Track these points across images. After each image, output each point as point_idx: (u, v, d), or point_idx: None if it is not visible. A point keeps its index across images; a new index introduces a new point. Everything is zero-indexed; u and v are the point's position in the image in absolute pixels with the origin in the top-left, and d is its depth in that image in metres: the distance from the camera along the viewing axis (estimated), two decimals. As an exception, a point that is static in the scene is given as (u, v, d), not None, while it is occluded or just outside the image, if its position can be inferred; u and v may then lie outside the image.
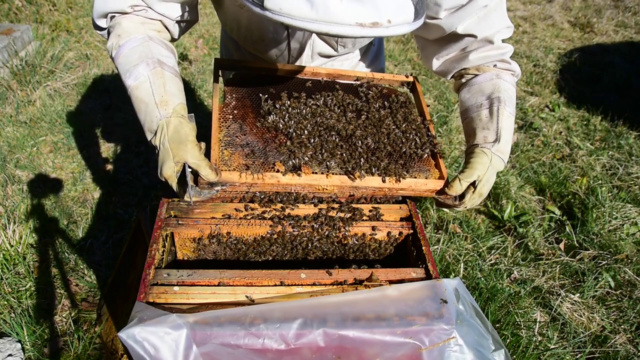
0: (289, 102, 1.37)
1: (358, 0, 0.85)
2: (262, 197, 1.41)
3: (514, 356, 2.13)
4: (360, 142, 1.34)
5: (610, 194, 3.18)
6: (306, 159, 1.26)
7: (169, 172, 1.13)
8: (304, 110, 1.37)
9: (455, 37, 1.36)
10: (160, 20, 1.30)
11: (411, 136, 1.39)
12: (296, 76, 1.50)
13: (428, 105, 1.77)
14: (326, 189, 1.27)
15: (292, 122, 1.33)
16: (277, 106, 1.36)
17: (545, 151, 3.67)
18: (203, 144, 1.22)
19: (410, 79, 1.63)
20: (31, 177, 3.03)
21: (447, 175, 1.34)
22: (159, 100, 1.19)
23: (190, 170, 1.13)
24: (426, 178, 1.33)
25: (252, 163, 1.23)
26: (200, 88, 4.12)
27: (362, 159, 1.30)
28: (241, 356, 0.96)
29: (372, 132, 1.37)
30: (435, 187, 1.31)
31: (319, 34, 0.90)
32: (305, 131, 1.32)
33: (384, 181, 1.28)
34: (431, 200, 3.01)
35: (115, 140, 3.46)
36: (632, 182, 3.33)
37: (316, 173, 1.25)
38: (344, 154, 1.30)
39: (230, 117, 1.35)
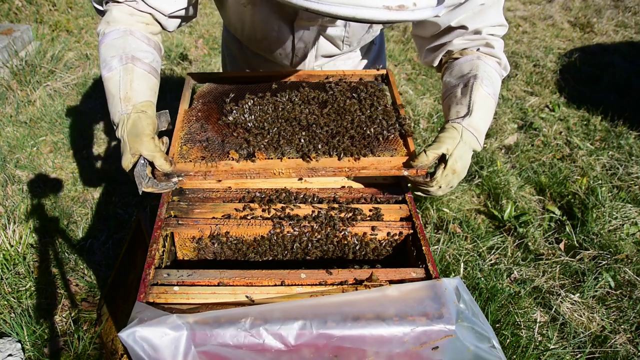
0: (252, 101, 1.40)
1: None
2: (262, 197, 1.41)
3: (514, 356, 2.13)
4: (320, 129, 1.33)
5: (610, 194, 3.18)
6: (262, 146, 1.28)
7: (126, 163, 1.18)
8: (267, 107, 1.39)
9: (447, 30, 1.38)
10: (150, 14, 1.31)
11: (378, 120, 1.39)
12: (267, 82, 1.52)
13: (401, 93, 1.76)
14: (282, 173, 1.26)
15: (253, 117, 1.36)
16: (240, 105, 1.39)
17: (545, 151, 3.67)
18: (166, 139, 1.27)
19: (383, 71, 1.61)
20: (31, 177, 3.03)
21: (415, 150, 1.31)
22: (123, 95, 1.24)
23: (146, 162, 1.19)
24: (392, 156, 1.31)
25: (209, 155, 1.28)
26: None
27: (320, 144, 1.30)
28: (241, 356, 0.96)
29: (335, 119, 1.37)
30: (399, 163, 1.28)
31: (346, 19, 0.88)
32: (265, 123, 1.34)
33: (339, 159, 1.28)
34: (431, 200, 3.01)
35: (115, 140, 3.46)
36: (632, 182, 3.33)
37: (271, 158, 1.26)
38: (302, 140, 1.30)
39: (194, 118, 1.40)
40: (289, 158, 1.27)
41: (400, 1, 0.85)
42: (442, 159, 1.24)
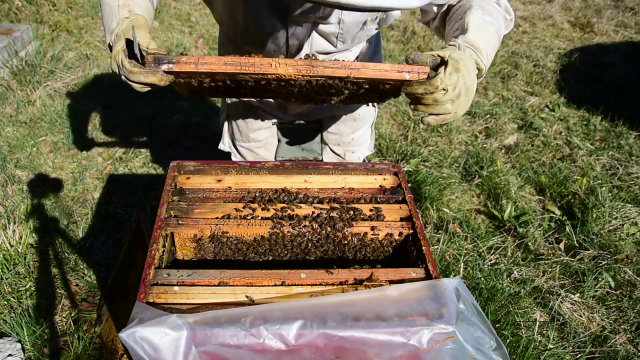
0: None
1: None
2: (262, 197, 1.41)
3: (514, 356, 2.13)
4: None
5: (610, 194, 3.18)
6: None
7: (117, 48, 1.16)
8: None
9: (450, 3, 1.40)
10: None
11: None
12: None
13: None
14: (279, 65, 1.19)
15: None
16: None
17: (545, 151, 3.67)
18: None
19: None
20: (31, 177, 3.03)
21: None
22: (122, 3, 1.24)
23: (138, 44, 1.16)
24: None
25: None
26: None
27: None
28: (241, 356, 0.96)
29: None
30: (399, 66, 1.22)
31: (331, 6, 0.87)
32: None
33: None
34: (430, 200, 3.01)
35: (115, 140, 3.46)
36: (632, 182, 3.33)
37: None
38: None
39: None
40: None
41: None
42: (443, 63, 1.17)
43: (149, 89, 1.18)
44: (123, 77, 1.15)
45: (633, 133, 3.84)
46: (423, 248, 1.27)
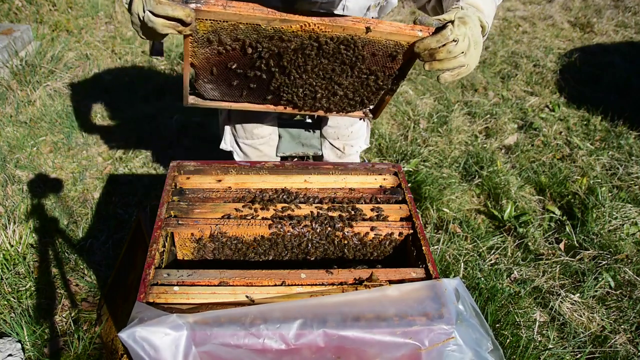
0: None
1: None
2: (262, 197, 1.41)
3: (514, 356, 2.13)
4: None
5: (610, 194, 3.18)
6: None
7: None
8: None
9: None
10: None
11: None
12: None
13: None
14: (299, 21, 1.21)
15: None
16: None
17: (545, 151, 3.67)
18: None
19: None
20: (31, 177, 3.03)
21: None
22: None
23: None
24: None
25: None
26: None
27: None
28: (241, 356, 0.96)
29: None
30: (414, 26, 1.27)
31: None
32: None
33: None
34: (430, 200, 3.01)
35: (115, 140, 3.46)
36: (632, 182, 3.33)
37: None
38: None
39: None
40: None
41: None
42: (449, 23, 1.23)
43: (170, 30, 1.13)
44: (147, 12, 1.08)
45: (633, 133, 3.84)
46: (423, 248, 1.27)
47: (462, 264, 2.58)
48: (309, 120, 2.19)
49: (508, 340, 2.19)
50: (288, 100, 1.49)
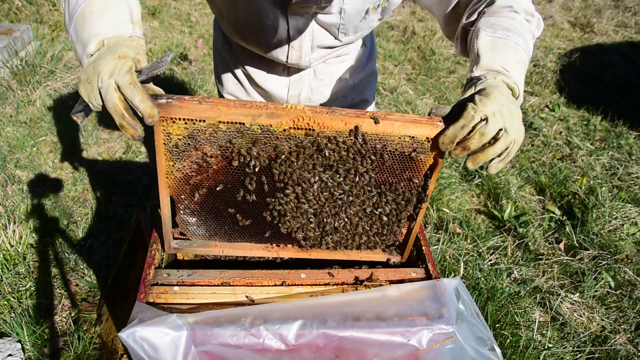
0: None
1: None
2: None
3: (514, 356, 2.13)
4: None
5: (610, 194, 3.18)
6: None
7: (128, 65, 0.94)
8: None
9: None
10: None
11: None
12: None
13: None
14: (292, 108, 0.99)
15: None
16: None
17: (545, 151, 3.67)
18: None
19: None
20: (31, 177, 3.03)
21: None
22: (136, 19, 1.06)
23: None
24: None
25: None
26: (200, 88, 4.12)
27: None
28: (241, 356, 0.96)
29: None
30: (430, 118, 1.04)
31: None
32: None
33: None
34: (430, 200, 3.01)
35: (115, 140, 3.46)
36: (632, 182, 3.33)
37: None
38: None
39: None
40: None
41: None
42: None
43: (116, 117, 0.93)
44: (112, 80, 0.91)
45: (633, 133, 3.84)
46: (423, 248, 1.27)
47: (462, 264, 2.58)
48: None
49: (508, 340, 2.19)
50: (287, 233, 1.19)
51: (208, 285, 1.12)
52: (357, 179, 1.10)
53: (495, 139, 0.97)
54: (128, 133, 0.94)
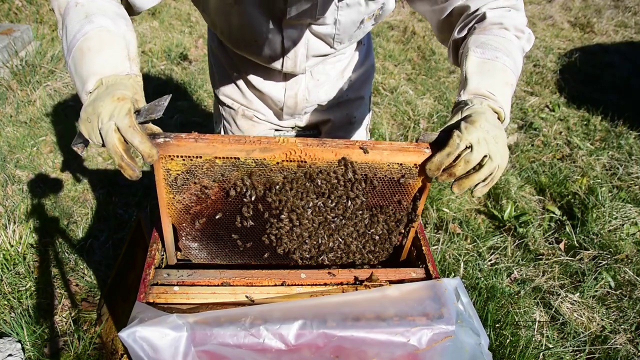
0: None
1: None
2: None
3: (514, 356, 2.13)
4: None
5: (610, 194, 3.18)
6: None
7: (126, 107, 0.97)
8: None
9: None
10: None
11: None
12: None
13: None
14: (284, 142, 1.04)
15: None
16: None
17: (545, 151, 3.67)
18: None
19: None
20: (31, 177, 3.03)
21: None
22: (132, 55, 1.07)
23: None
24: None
25: None
26: (200, 88, 4.12)
27: None
28: (241, 356, 0.96)
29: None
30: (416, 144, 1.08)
31: None
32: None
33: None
34: (430, 200, 3.01)
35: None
36: (632, 182, 3.33)
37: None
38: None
39: None
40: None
41: None
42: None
43: (116, 157, 0.97)
44: (112, 122, 0.93)
45: (633, 133, 3.84)
46: (423, 248, 1.27)
47: (462, 264, 2.58)
48: (308, 132, 2.09)
49: (508, 340, 2.19)
50: (285, 254, 1.23)
51: (208, 285, 1.12)
52: (348, 203, 1.15)
53: (480, 165, 1.00)
54: (126, 173, 0.98)
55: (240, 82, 1.70)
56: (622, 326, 2.36)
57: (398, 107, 4.03)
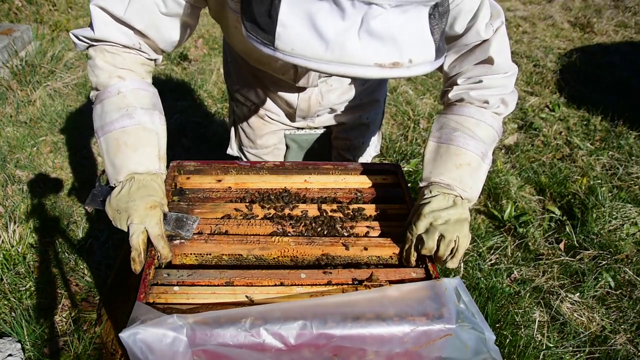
0: None
1: (377, 39, 0.79)
2: (262, 197, 1.41)
3: (514, 356, 2.13)
4: None
5: (610, 194, 3.17)
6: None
7: (157, 217, 1.17)
8: None
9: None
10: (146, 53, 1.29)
11: None
12: None
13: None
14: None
15: None
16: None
17: (545, 151, 3.67)
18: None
19: None
20: (31, 177, 3.03)
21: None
22: (162, 154, 1.25)
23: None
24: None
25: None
26: (200, 88, 4.12)
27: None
28: (241, 356, 0.96)
29: None
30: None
31: (337, 75, 0.87)
32: None
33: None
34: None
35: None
36: (632, 182, 3.33)
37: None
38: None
39: None
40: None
41: (394, 58, 0.81)
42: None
43: (136, 255, 1.13)
44: (140, 225, 1.12)
45: (633, 133, 3.84)
46: (423, 248, 1.26)
47: (462, 264, 2.58)
48: (319, 131, 2.09)
49: (508, 340, 2.19)
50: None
51: (208, 285, 1.12)
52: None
53: (437, 246, 1.17)
54: (133, 267, 1.12)
55: (255, 82, 1.70)
56: (622, 326, 2.36)
57: (398, 107, 4.03)
